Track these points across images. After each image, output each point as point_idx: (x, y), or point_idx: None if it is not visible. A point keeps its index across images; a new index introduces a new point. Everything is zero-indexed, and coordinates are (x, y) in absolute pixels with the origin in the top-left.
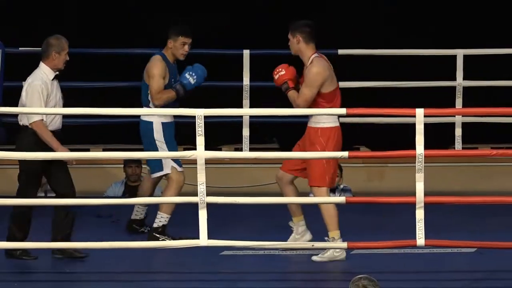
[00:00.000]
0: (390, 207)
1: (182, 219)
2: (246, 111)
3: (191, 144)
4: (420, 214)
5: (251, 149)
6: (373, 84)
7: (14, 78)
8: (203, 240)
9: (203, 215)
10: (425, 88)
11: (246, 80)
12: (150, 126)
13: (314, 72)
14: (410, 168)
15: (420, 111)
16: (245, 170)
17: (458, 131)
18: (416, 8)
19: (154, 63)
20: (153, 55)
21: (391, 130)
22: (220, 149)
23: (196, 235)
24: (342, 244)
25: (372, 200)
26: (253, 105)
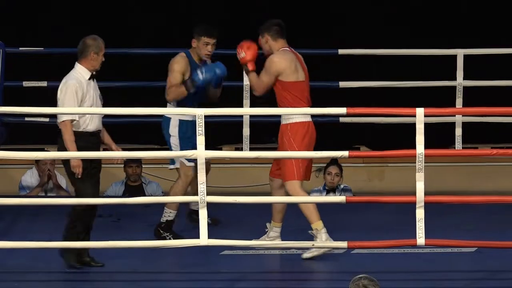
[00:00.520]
0: (390, 207)
1: (182, 219)
2: (247, 111)
3: None
4: (420, 214)
5: (251, 149)
6: (373, 84)
7: (15, 78)
8: (203, 240)
9: (203, 215)
10: (425, 88)
11: (246, 80)
12: (168, 122)
13: (272, 60)
14: (410, 168)
15: (420, 111)
16: (245, 170)
17: (458, 131)
18: (416, 8)
19: (176, 59)
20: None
21: (391, 130)
22: (221, 149)
23: (196, 235)
24: (342, 244)
25: (372, 200)
26: (254, 105)
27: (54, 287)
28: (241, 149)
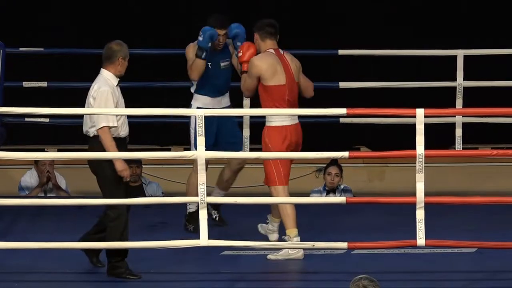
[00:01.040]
0: (391, 207)
1: (182, 220)
2: (246, 111)
3: None
4: (421, 214)
5: (251, 149)
6: (373, 85)
7: (15, 78)
8: (204, 240)
9: (204, 215)
10: (426, 89)
11: None
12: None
13: (252, 62)
14: (411, 168)
15: (421, 111)
16: (245, 170)
17: (459, 131)
18: (416, 9)
19: (189, 46)
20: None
21: (392, 131)
22: None
23: (196, 235)
24: (342, 244)
25: (373, 200)
26: (253, 106)
27: (53, 287)
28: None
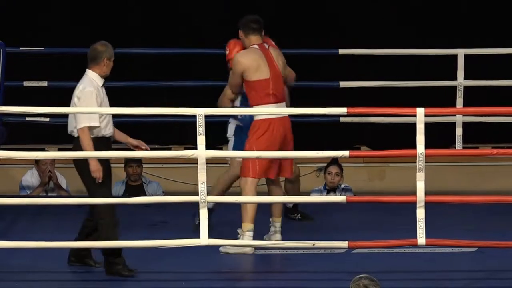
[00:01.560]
0: (391, 207)
1: (182, 219)
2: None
3: (192, 144)
4: (421, 214)
5: None
6: (374, 84)
7: (15, 78)
8: (204, 240)
9: (204, 215)
10: (426, 88)
11: None
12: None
13: (235, 60)
14: (411, 168)
15: (421, 111)
16: None
17: (459, 131)
18: (417, 8)
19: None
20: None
21: (392, 130)
22: (221, 149)
23: (196, 235)
24: (343, 244)
25: (373, 200)
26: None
27: (53, 287)
28: None
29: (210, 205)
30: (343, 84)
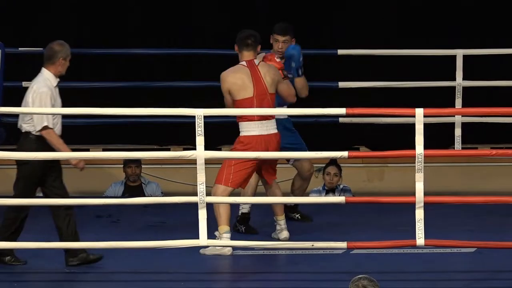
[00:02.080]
0: (390, 207)
1: (182, 219)
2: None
3: (191, 144)
4: (420, 214)
5: None
6: (373, 84)
7: (14, 78)
8: (203, 240)
9: (203, 215)
10: (425, 88)
11: None
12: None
13: (221, 79)
14: (410, 168)
15: (420, 111)
16: None
17: (458, 131)
18: (416, 8)
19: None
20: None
21: (391, 130)
22: (220, 149)
23: (196, 235)
24: (342, 244)
25: (372, 200)
26: None
27: (53, 287)
28: None
29: (246, 209)
30: (342, 85)
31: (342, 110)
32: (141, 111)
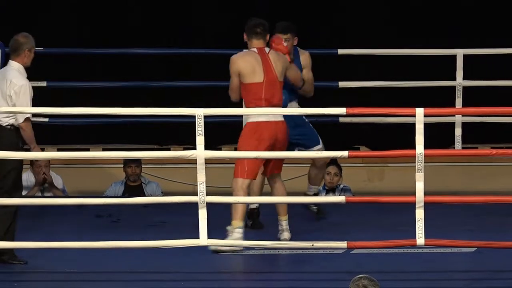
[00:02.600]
0: (390, 207)
1: (182, 219)
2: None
3: (191, 144)
4: (420, 214)
5: None
6: (373, 84)
7: None
8: (203, 240)
9: (203, 215)
10: (425, 88)
11: None
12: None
13: (231, 61)
14: (410, 168)
15: (420, 111)
16: None
17: (458, 131)
18: (416, 8)
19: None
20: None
21: (391, 130)
22: (220, 149)
23: (196, 235)
24: (342, 244)
25: (372, 200)
26: None
27: (53, 287)
28: None
29: (254, 205)
30: (342, 84)
31: (342, 110)
32: (141, 111)
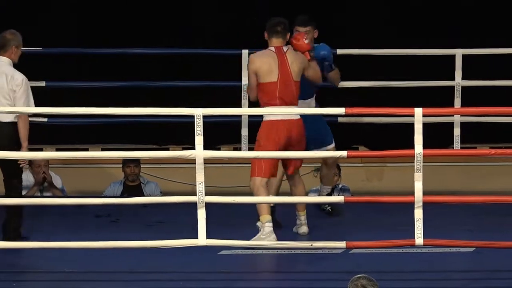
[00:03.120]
0: (389, 207)
1: (181, 219)
2: (245, 111)
3: (190, 144)
4: (419, 214)
5: (250, 149)
6: (372, 84)
7: None
8: (202, 240)
9: (202, 215)
10: (424, 88)
11: (245, 80)
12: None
13: (249, 60)
14: (409, 168)
15: (419, 111)
16: (244, 170)
17: (457, 131)
18: (415, 8)
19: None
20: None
21: (390, 130)
22: (219, 149)
23: (195, 235)
24: (341, 244)
25: (371, 200)
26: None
27: (53, 287)
28: (240, 149)
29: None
30: (341, 84)
31: (341, 110)
32: (140, 111)
